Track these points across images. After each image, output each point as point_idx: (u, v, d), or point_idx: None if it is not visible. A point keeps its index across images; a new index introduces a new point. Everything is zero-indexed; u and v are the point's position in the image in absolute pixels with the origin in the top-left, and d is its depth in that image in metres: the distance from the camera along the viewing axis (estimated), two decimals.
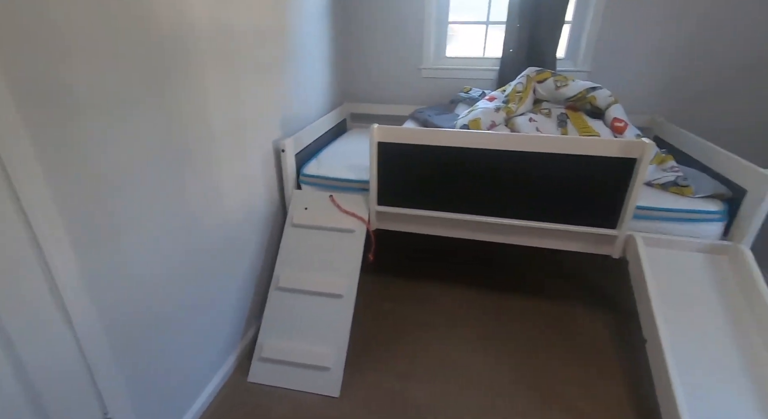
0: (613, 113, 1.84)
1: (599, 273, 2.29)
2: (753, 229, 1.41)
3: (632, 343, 1.75)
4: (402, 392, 1.54)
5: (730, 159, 1.54)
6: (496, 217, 1.64)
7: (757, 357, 1.25)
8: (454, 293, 2.11)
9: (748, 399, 1.18)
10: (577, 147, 1.47)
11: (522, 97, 1.97)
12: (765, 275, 1.38)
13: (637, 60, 2.21)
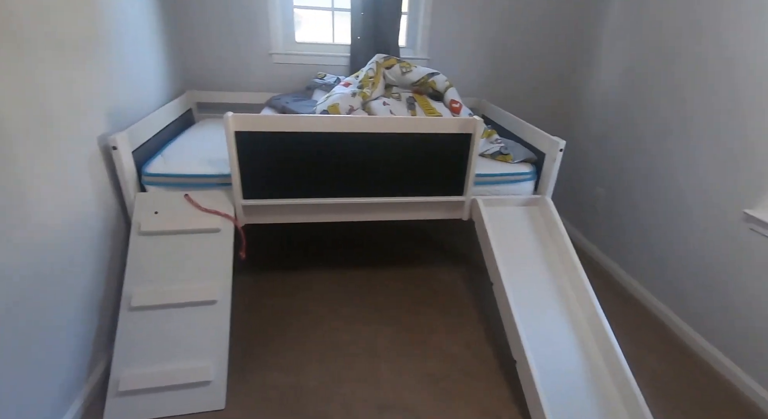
0: (450, 95, 2.05)
1: (453, 235, 2.59)
2: (551, 183, 1.77)
3: (484, 289, 2.05)
4: (294, 384, 1.50)
5: (533, 130, 1.90)
6: (361, 197, 1.69)
7: (562, 282, 1.61)
8: (330, 277, 2.13)
9: (561, 319, 1.51)
10: (426, 126, 1.60)
11: (374, 82, 2.03)
12: (562, 217, 1.76)
13: (465, 50, 2.51)
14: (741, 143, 1.52)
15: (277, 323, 1.79)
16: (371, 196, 1.69)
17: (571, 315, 1.53)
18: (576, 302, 1.55)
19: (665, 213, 1.88)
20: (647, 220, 1.98)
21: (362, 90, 1.98)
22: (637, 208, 2.05)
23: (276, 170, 1.59)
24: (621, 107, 2.15)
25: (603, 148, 2.28)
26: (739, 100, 1.52)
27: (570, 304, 1.55)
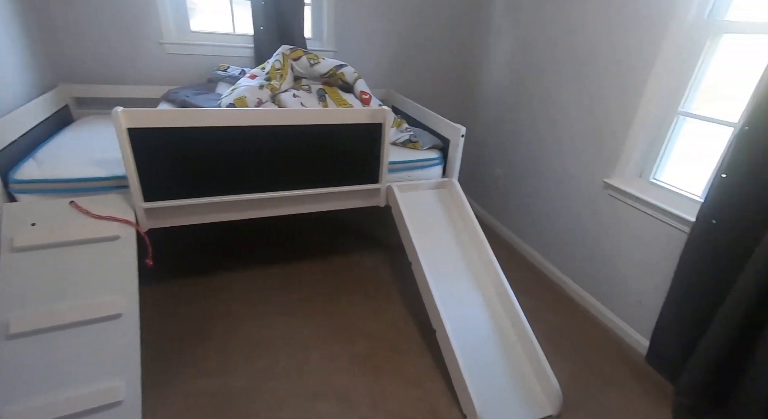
0: (360, 87, 2.11)
1: (371, 223, 2.68)
2: (457, 167, 1.95)
3: (404, 269, 2.17)
4: (221, 387, 1.44)
5: (437, 118, 2.05)
6: (275, 191, 1.67)
7: (471, 255, 1.78)
8: (250, 275, 2.07)
9: (471, 289, 1.69)
10: (338, 117, 1.63)
11: (282, 74, 1.99)
12: (468, 197, 1.95)
13: (373, 43, 2.58)
14: (598, 125, 1.83)
15: (198, 329, 1.69)
16: (286, 190, 1.67)
17: (480, 284, 1.71)
18: (483, 272, 1.74)
19: (547, 187, 2.18)
20: (534, 194, 2.28)
21: (270, 82, 1.93)
22: (527, 184, 2.34)
23: (180, 168, 1.48)
24: (509, 97, 2.41)
25: (499, 133, 2.55)
26: (596, 91, 1.83)
27: (478, 274, 1.74)
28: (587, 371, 1.61)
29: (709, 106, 1.52)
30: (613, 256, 1.83)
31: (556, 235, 2.16)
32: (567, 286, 2.11)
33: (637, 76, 1.62)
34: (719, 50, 1.44)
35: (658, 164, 1.67)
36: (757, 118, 1.18)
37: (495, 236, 2.63)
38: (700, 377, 1.35)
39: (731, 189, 1.26)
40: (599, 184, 1.84)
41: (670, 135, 1.60)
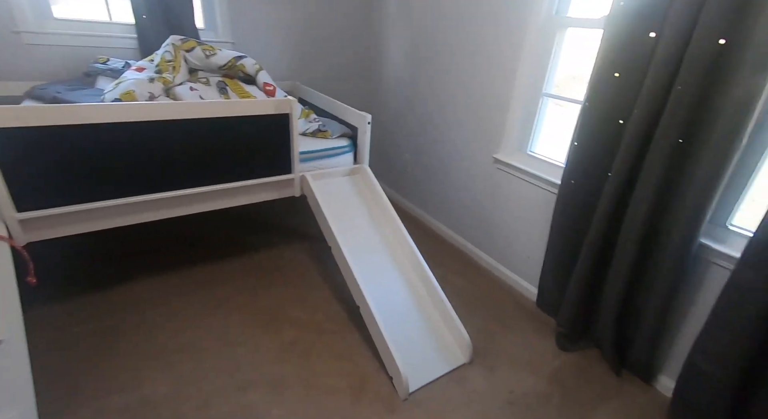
0: (263, 78, 2.08)
1: (288, 214, 2.67)
2: (366, 153, 2.05)
3: (325, 255, 2.23)
4: (140, 399, 1.37)
5: (344, 108, 2.12)
6: (180, 189, 1.59)
7: (386, 233, 1.91)
8: (164, 281, 1.95)
9: (388, 264, 1.81)
10: (242, 109, 1.61)
11: (175, 66, 1.87)
12: (381, 182, 2.07)
13: (277, 35, 2.55)
14: (485, 108, 2.07)
15: (105, 345, 1.55)
16: (189, 187, 1.61)
17: (396, 259, 1.85)
18: (398, 248, 1.88)
19: (448, 166, 2.40)
20: (439, 173, 2.50)
21: (162, 75, 1.81)
22: (433, 166, 2.54)
23: (59, 172, 1.33)
24: (409, 85, 2.58)
25: (405, 120, 2.71)
26: (480, 79, 2.07)
27: (394, 250, 1.87)
28: (491, 321, 1.85)
29: (567, 87, 1.83)
30: (505, 220, 2.11)
31: (459, 208, 2.40)
32: (470, 251, 2.37)
33: (510, 65, 1.87)
34: (566, 41, 1.75)
35: (532, 138, 1.95)
36: (593, 96, 1.47)
37: (407, 216, 2.81)
38: (571, 310, 1.67)
39: (582, 154, 1.55)
40: (490, 159, 2.10)
41: (539, 113, 1.90)
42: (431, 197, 2.62)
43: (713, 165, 1.23)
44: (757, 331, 1.17)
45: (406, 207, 2.88)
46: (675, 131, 1.28)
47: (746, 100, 1.14)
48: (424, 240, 2.50)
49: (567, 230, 1.68)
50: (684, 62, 1.23)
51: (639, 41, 1.34)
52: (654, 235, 1.42)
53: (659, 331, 1.49)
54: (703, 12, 1.16)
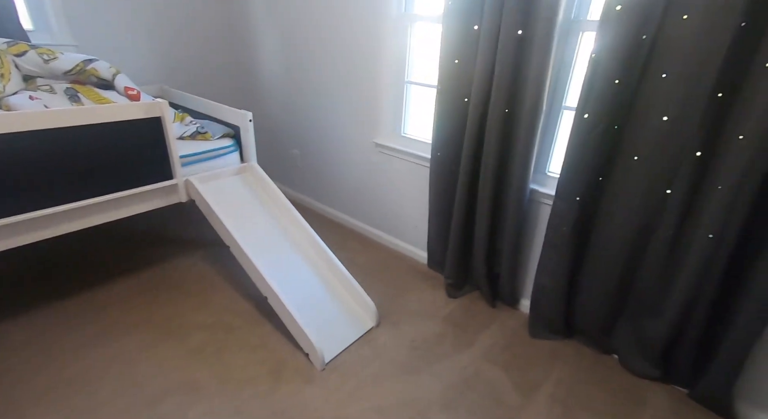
0: (122, 82, 1.94)
1: (177, 224, 2.54)
2: (252, 150, 2.08)
3: (224, 257, 2.20)
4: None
5: (222, 108, 2.11)
6: (55, 206, 1.46)
7: (284, 225, 1.98)
8: (39, 316, 1.73)
9: (291, 252, 1.90)
10: (105, 115, 1.52)
11: (3, 74, 1.64)
12: (273, 179, 2.12)
13: (136, 36, 2.37)
14: (362, 97, 2.26)
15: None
16: (65, 203, 1.48)
17: (297, 246, 1.94)
18: (298, 235, 1.97)
19: (335, 155, 2.55)
20: (327, 163, 2.63)
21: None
22: (320, 156, 2.67)
23: None
24: (288, 80, 2.65)
25: (290, 115, 2.77)
26: (353, 70, 2.25)
27: (294, 238, 1.96)
28: (392, 287, 2.08)
29: (427, 74, 2.11)
30: (391, 197, 2.35)
31: (349, 193, 2.59)
32: (366, 231, 2.58)
33: (374, 56, 2.09)
34: (416, 33, 2.03)
35: (403, 121, 2.22)
36: (442, 80, 1.75)
37: (304, 208, 2.89)
38: (453, 262, 1.98)
39: (441, 130, 1.84)
40: (371, 144, 2.31)
41: (405, 99, 2.16)
42: (323, 186, 2.75)
43: (530, 127, 1.61)
44: (569, 245, 1.59)
45: (302, 200, 2.96)
46: (502, 104, 1.63)
47: (540, 75, 1.52)
48: (323, 228, 2.63)
49: (441, 195, 1.98)
50: (498, 49, 1.56)
51: (467, 33, 1.65)
52: (501, 187, 1.78)
53: (516, 263, 1.88)
54: (504, 10, 1.51)
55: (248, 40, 2.77)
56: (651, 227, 1.45)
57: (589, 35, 1.52)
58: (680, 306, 1.42)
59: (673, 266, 1.43)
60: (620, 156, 1.45)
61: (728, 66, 1.16)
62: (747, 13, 1.10)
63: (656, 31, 1.26)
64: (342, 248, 2.40)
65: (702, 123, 1.24)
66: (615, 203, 1.50)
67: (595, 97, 1.39)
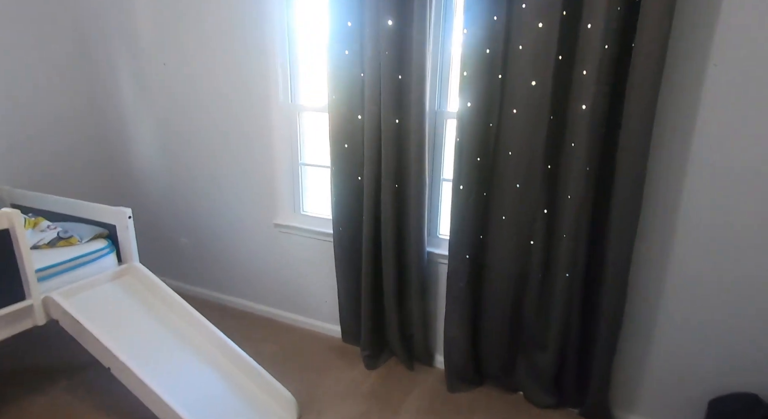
0: None
1: (37, 349, 2.05)
2: (134, 250, 1.87)
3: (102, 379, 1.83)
4: None
5: (91, 206, 1.88)
6: None
7: (183, 330, 1.77)
8: None
9: (190, 357, 1.70)
10: None
11: None
12: (160, 275, 1.91)
13: None
14: (258, 180, 2.26)
15: None
16: None
17: (197, 349, 1.73)
18: (198, 337, 1.77)
19: (232, 240, 2.45)
20: (223, 250, 2.50)
21: None
22: (214, 243, 2.52)
23: None
24: (169, 169, 2.50)
25: (174, 204, 2.57)
26: (249, 154, 2.25)
27: (194, 341, 1.75)
28: (309, 370, 2.00)
29: (320, 153, 2.23)
30: (296, 276, 2.33)
31: (252, 278, 2.48)
32: (275, 315, 2.47)
33: (268, 140, 2.16)
34: (306, 121, 2.19)
35: (302, 200, 2.28)
36: (335, 161, 1.90)
37: (202, 302, 2.62)
38: (367, 333, 2.03)
39: (340, 206, 1.96)
40: (271, 225, 2.29)
41: (301, 179, 2.25)
42: (221, 275, 2.58)
43: (418, 199, 1.83)
44: (467, 297, 1.80)
45: (199, 294, 2.70)
46: (392, 180, 1.83)
47: (420, 155, 1.77)
48: (227, 320, 2.40)
49: (347, 266, 2.05)
50: (382, 134, 1.79)
51: (352, 121, 1.86)
52: (402, 252, 1.95)
53: (426, 321, 2.01)
54: (382, 102, 1.75)
55: (121, 130, 2.57)
56: (525, 273, 1.75)
57: (452, 122, 1.87)
58: (558, 337, 1.70)
59: (546, 304, 1.73)
60: (492, 217, 1.76)
61: (548, 147, 1.56)
62: (552, 110, 1.52)
63: (498, 121, 1.63)
64: (249, 338, 2.21)
65: (542, 188, 1.61)
66: (495, 256, 1.78)
67: (465, 172, 1.68)
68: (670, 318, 1.59)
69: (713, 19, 1.31)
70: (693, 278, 1.52)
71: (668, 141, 1.45)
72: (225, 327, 1.84)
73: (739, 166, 1.38)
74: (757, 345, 1.48)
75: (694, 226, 1.48)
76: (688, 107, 1.40)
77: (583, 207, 1.52)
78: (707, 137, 1.39)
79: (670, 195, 1.49)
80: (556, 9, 1.41)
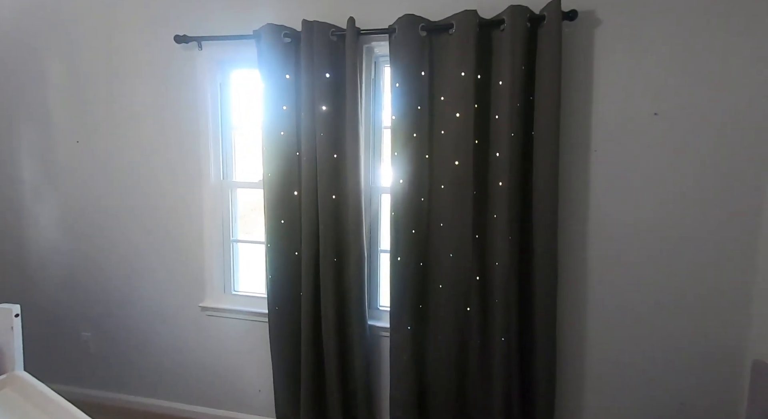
0: None
1: None
2: (18, 355, 1.53)
3: None
4: None
5: None
6: None
7: None
8: None
9: None
10: None
11: None
12: (52, 382, 1.57)
13: None
14: (181, 264, 2.08)
15: None
16: None
17: None
18: None
19: (150, 331, 2.16)
20: (138, 343, 2.18)
21: None
22: (126, 337, 2.19)
23: None
24: (77, 246, 2.21)
25: (72, 295, 2.23)
26: (171, 237, 2.08)
27: None
28: None
29: (252, 230, 2.17)
30: (226, 365, 2.09)
31: (173, 372, 2.17)
32: (200, 415, 2.14)
33: (197, 218, 2.05)
34: (240, 196, 2.13)
35: (233, 279, 2.13)
36: (270, 238, 1.85)
37: (108, 407, 2.21)
38: (310, 414, 1.84)
39: (278, 285, 1.87)
40: (197, 309, 2.08)
41: (233, 257, 2.12)
42: (133, 372, 2.22)
43: (357, 271, 1.82)
44: (413, 371, 1.76)
45: (105, 398, 2.27)
46: (331, 254, 1.82)
47: (357, 229, 1.80)
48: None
49: (285, 348, 1.91)
50: (319, 209, 1.81)
51: (289, 197, 1.86)
52: (343, 329, 1.87)
53: (371, 400, 1.89)
54: (318, 179, 1.79)
55: (18, 214, 2.25)
56: (465, 340, 1.77)
57: (387, 197, 1.95)
58: (501, 401, 1.70)
59: (488, 369, 1.75)
60: (430, 286, 1.80)
61: (474, 218, 1.70)
62: (475, 186, 1.68)
63: (429, 195, 1.76)
64: None
65: (473, 256, 1.72)
66: (436, 325, 1.80)
67: (402, 244, 1.74)
68: (595, 368, 1.72)
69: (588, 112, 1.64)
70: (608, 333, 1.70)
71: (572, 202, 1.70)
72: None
73: (631, 218, 1.65)
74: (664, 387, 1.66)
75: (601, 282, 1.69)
76: (581, 182, 1.67)
77: (510, 272, 1.65)
78: (598, 202, 1.67)
79: (577, 264, 1.71)
80: (469, 102, 1.64)
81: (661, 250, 1.62)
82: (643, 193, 1.61)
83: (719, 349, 1.60)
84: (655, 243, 1.63)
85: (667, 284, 1.62)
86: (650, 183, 1.61)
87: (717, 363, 1.61)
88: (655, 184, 1.60)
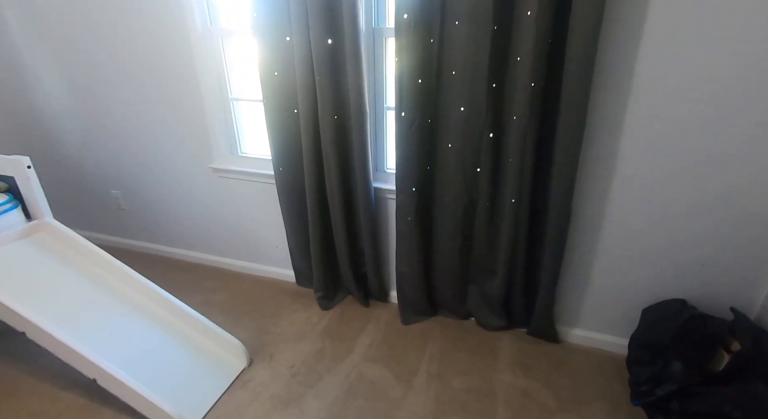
0: None
1: None
2: (42, 203, 1.62)
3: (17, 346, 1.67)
4: None
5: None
6: None
7: (111, 283, 1.61)
8: None
9: (125, 313, 1.54)
10: None
11: None
12: (89, 231, 1.69)
13: None
14: (187, 123, 1.99)
15: None
16: None
17: (132, 304, 1.59)
18: (131, 292, 1.62)
19: (169, 189, 2.21)
20: (160, 200, 2.26)
21: None
22: (150, 194, 2.27)
23: None
24: (83, 115, 2.17)
25: (94, 152, 2.27)
26: (170, 96, 1.94)
27: (127, 296, 1.60)
28: (262, 317, 1.91)
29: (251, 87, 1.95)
30: (241, 222, 2.16)
31: (194, 227, 2.29)
32: (223, 264, 2.33)
33: (189, 76, 1.87)
34: (232, 46, 1.88)
35: (238, 140, 2.05)
36: (266, 93, 1.67)
37: (139, 254, 2.45)
38: (320, 273, 1.94)
39: (278, 143, 1.76)
40: (208, 170, 2.06)
41: (234, 117, 1.99)
42: (160, 226, 2.37)
43: (360, 130, 1.65)
44: (417, 231, 1.71)
45: (136, 246, 2.50)
46: (330, 111, 1.63)
47: (358, 81, 1.57)
48: (174, 273, 2.27)
49: (293, 209, 1.91)
50: (313, 59, 1.56)
51: (281, 45, 1.60)
52: (348, 190, 1.80)
53: (378, 259, 1.93)
54: (310, 22, 1.50)
55: (20, 67, 2.15)
56: (473, 202, 1.66)
57: (393, 41, 1.64)
58: (506, 263, 1.66)
59: (494, 231, 1.67)
60: (438, 146, 1.62)
61: (493, 61, 1.39)
62: (496, 20, 1.33)
63: (440, 35, 1.43)
64: (197, 290, 2.09)
65: (487, 110, 1.47)
66: (443, 187, 1.67)
67: (406, 96, 1.50)
68: (611, 230, 1.58)
69: None
70: (639, 194, 1.48)
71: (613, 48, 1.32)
72: (172, 279, 1.71)
73: (679, 79, 1.28)
74: (687, 251, 1.51)
75: (637, 146, 1.41)
76: (635, 21, 1.26)
77: (529, 128, 1.41)
78: (652, 49, 1.28)
79: (613, 112, 1.39)
80: None
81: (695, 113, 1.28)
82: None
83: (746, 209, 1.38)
84: (692, 104, 1.28)
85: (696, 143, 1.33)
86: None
87: (743, 226, 1.41)
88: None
